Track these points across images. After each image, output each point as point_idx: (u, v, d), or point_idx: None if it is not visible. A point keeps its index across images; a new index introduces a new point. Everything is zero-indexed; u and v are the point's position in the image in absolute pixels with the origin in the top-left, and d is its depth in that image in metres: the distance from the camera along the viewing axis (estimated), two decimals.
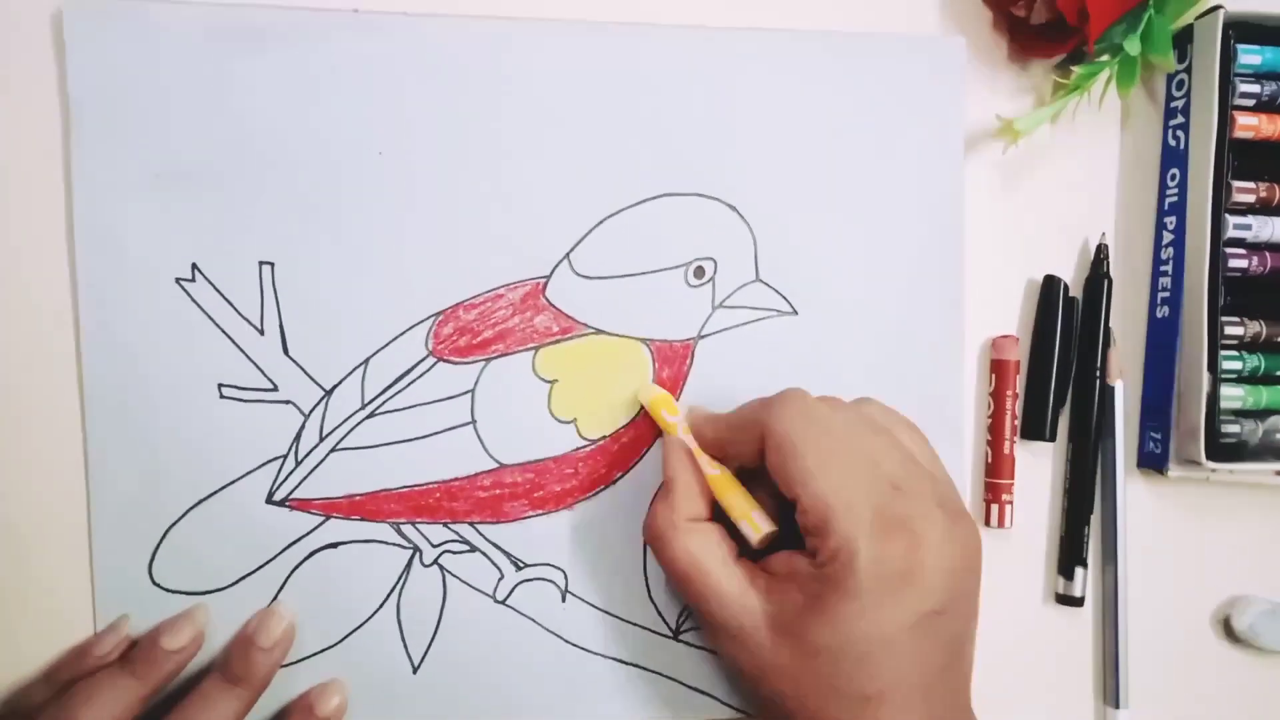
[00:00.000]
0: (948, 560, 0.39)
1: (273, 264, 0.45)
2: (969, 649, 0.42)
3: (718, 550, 0.42)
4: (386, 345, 0.46)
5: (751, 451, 0.42)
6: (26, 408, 0.45)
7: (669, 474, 0.44)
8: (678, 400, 0.47)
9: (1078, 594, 0.51)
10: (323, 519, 0.46)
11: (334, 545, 0.46)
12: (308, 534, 0.46)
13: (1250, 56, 0.48)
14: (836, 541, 0.38)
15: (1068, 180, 0.51)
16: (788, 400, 0.41)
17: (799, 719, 0.39)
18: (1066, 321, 0.50)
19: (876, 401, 0.44)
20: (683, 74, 0.47)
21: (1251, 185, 0.49)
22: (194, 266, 0.45)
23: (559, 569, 0.47)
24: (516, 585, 0.47)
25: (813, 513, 0.39)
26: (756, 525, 0.42)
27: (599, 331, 0.47)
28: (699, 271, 0.47)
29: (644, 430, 0.47)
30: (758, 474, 0.42)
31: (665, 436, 0.45)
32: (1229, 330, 0.49)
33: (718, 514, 0.43)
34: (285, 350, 0.45)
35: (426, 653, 0.47)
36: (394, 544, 0.46)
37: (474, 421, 0.46)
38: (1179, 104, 0.51)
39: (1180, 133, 0.50)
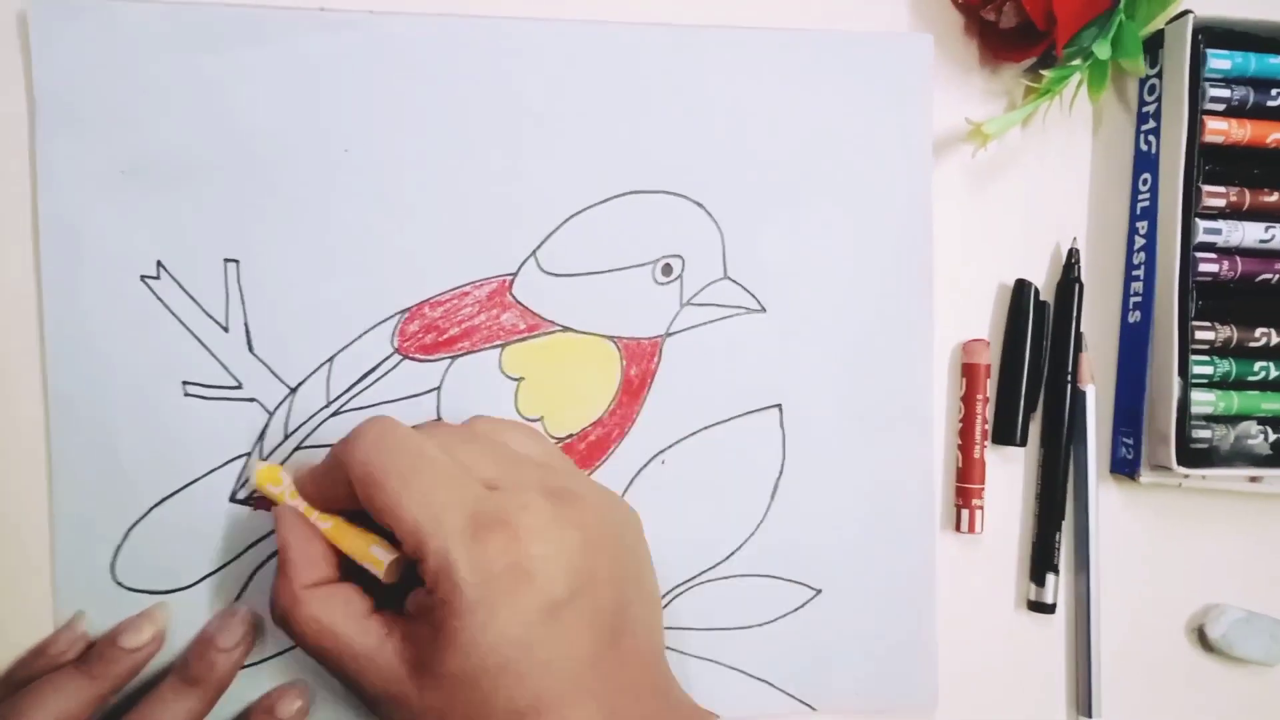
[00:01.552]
0: (557, 545, 0.37)
1: (238, 261, 0.45)
2: (636, 627, 0.39)
3: (345, 609, 0.39)
4: (352, 343, 0.45)
5: (347, 494, 0.39)
6: None
7: (280, 545, 0.40)
8: (642, 399, 0.47)
9: (1049, 601, 0.51)
10: None
11: None
12: (271, 533, 0.45)
13: (1220, 61, 0.49)
14: (433, 559, 0.36)
15: (1039, 184, 0.51)
16: (362, 433, 0.39)
17: None
18: (1038, 326, 0.50)
19: (485, 417, 0.44)
20: (650, 71, 0.47)
21: (1222, 190, 0.49)
22: (159, 263, 0.44)
23: None
24: None
25: (406, 536, 0.37)
26: (377, 560, 0.39)
27: (566, 329, 0.47)
28: (666, 269, 0.47)
29: (611, 427, 0.47)
30: None
31: (274, 509, 0.42)
32: (1200, 335, 0.49)
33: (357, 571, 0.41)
34: (250, 348, 0.45)
35: None
36: None
37: (439, 419, 0.46)
38: (1150, 109, 0.51)
39: (1151, 137, 0.50)
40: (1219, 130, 0.49)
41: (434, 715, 0.37)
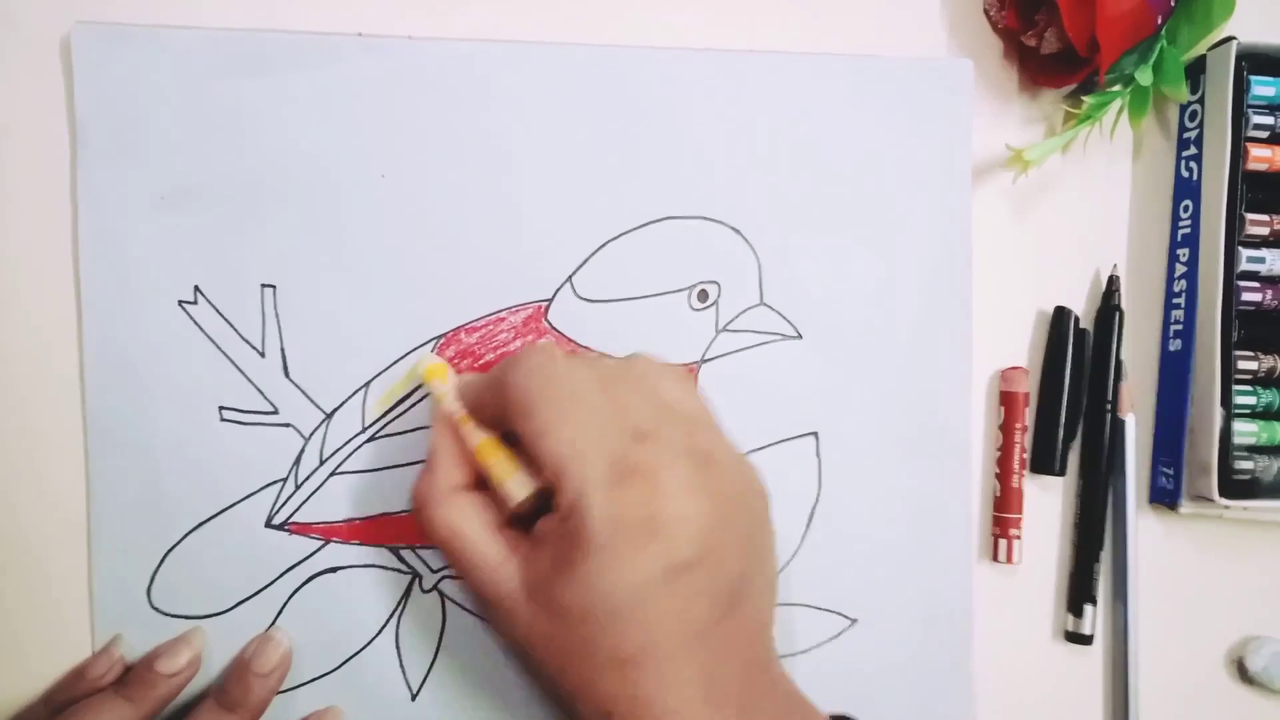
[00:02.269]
0: (693, 509, 0.37)
1: (274, 286, 0.45)
2: (751, 601, 0.39)
3: (477, 519, 0.40)
4: (387, 368, 0.46)
5: (500, 414, 0.39)
6: (29, 428, 0.45)
7: (431, 445, 0.41)
8: None
9: (1087, 632, 0.50)
10: (322, 543, 0.46)
11: (333, 570, 0.46)
12: (307, 558, 0.46)
13: (1263, 88, 0.48)
14: (570, 495, 0.36)
15: (1079, 211, 0.51)
16: (523, 357, 0.39)
17: (564, 688, 0.37)
18: (1077, 354, 0.50)
19: (645, 355, 0.43)
20: (687, 97, 0.47)
21: (1265, 218, 0.49)
22: (196, 289, 0.45)
23: None
24: None
25: (548, 468, 0.37)
26: (513, 492, 0.39)
27: (601, 355, 0.47)
28: (702, 295, 0.47)
29: None
30: None
31: (433, 407, 0.43)
32: (1242, 365, 0.49)
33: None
34: (286, 373, 0.45)
35: (425, 679, 0.46)
36: (393, 569, 0.46)
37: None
38: (1191, 135, 0.50)
39: (1193, 164, 0.50)
40: (1263, 158, 0.48)
41: (540, 639, 0.37)
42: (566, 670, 0.37)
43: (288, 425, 0.45)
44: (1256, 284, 0.49)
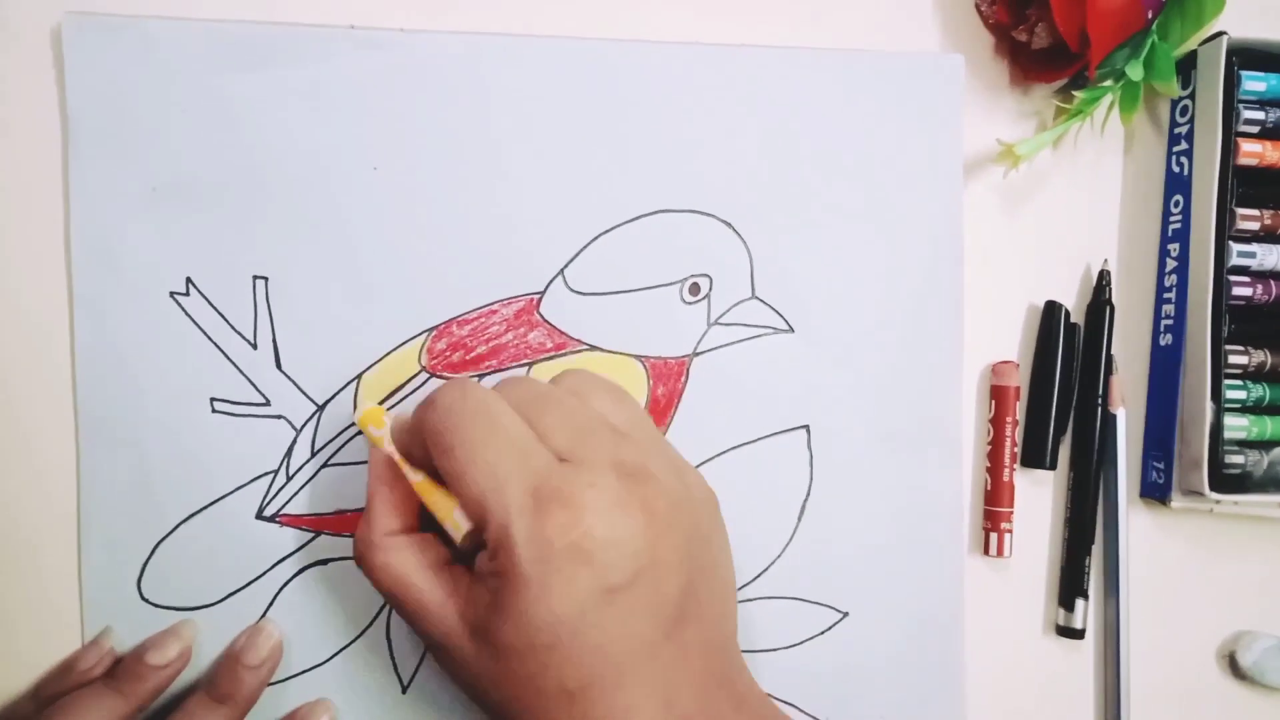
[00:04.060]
0: (623, 528, 0.36)
1: (266, 278, 0.45)
2: (700, 614, 0.38)
3: (416, 562, 0.39)
4: (379, 360, 0.46)
5: (426, 455, 0.39)
6: (19, 419, 0.45)
7: (368, 492, 0.41)
8: (669, 418, 0.47)
9: (1078, 626, 0.50)
10: (313, 535, 0.46)
11: (324, 562, 0.46)
12: (298, 550, 0.46)
13: (1254, 83, 0.48)
14: (495, 530, 0.36)
15: (1070, 205, 0.51)
16: (438, 396, 0.39)
17: None
18: (1068, 348, 0.50)
19: (576, 370, 0.42)
20: (680, 91, 0.47)
21: (1256, 213, 0.49)
22: (188, 280, 0.45)
23: None
24: None
25: (469, 505, 0.37)
26: (456, 524, 0.38)
27: (593, 348, 0.47)
28: (694, 288, 0.47)
29: None
30: None
31: (370, 451, 0.42)
32: (1233, 359, 0.49)
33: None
34: (278, 365, 0.45)
35: (416, 672, 0.47)
36: None
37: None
38: (1182, 130, 0.50)
39: (1184, 159, 0.50)
40: (1253, 153, 0.48)
41: (487, 677, 0.37)
42: (518, 706, 0.37)
43: (279, 417, 0.45)
44: (1247, 279, 0.49)
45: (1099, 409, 0.50)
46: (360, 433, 0.45)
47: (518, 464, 0.36)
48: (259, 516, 0.45)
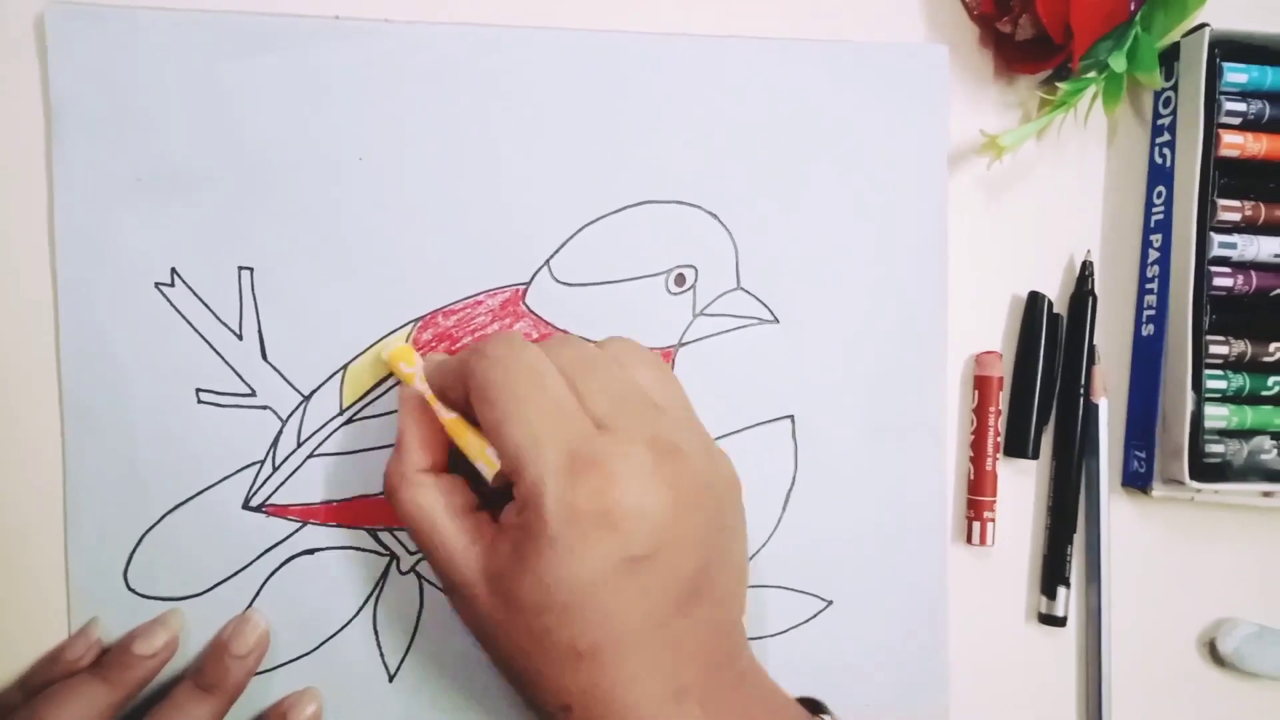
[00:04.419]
0: (651, 501, 0.36)
1: (252, 269, 0.45)
2: (713, 594, 0.39)
3: (445, 503, 0.40)
4: (365, 351, 0.46)
5: (466, 398, 0.39)
6: (5, 410, 0.45)
7: (400, 427, 0.42)
8: None
9: (1060, 614, 0.51)
10: (299, 525, 0.46)
11: (310, 552, 0.46)
12: (284, 540, 0.46)
13: (1236, 75, 0.49)
14: (526, 486, 0.36)
15: (1053, 196, 0.51)
16: (488, 345, 0.39)
17: (525, 678, 0.38)
18: (1050, 338, 0.50)
19: (622, 339, 0.42)
20: (664, 81, 0.47)
21: (1237, 204, 0.49)
22: (173, 271, 0.45)
23: None
24: None
25: (505, 458, 0.37)
26: (490, 462, 0.39)
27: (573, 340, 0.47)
28: (680, 279, 0.47)
29: None
30: None
31: (399, 388, 0.43)
32: (1214, 349, 0.49)
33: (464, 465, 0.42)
34: (264, 355, 0.45)
35: (402, 661, 0.47)
36: (371, 551, 0.46)
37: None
38: (1165, 121, 0.51)
39: (1166, 150, 0.50)
40: (1235, 144, 0.48)
41: (500, 628, 0.38)
42: (525, 660, 0.37)
43: (265, 407, 0.45)
44: (1228, 269, 0.49)
45: (1081, 399, 0.51)
46: (347, 423, 0.46)
47: (557, 426, 0.37)
48: (245, 507, 0.45)
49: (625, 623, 0.36)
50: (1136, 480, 0.51)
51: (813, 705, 0.43)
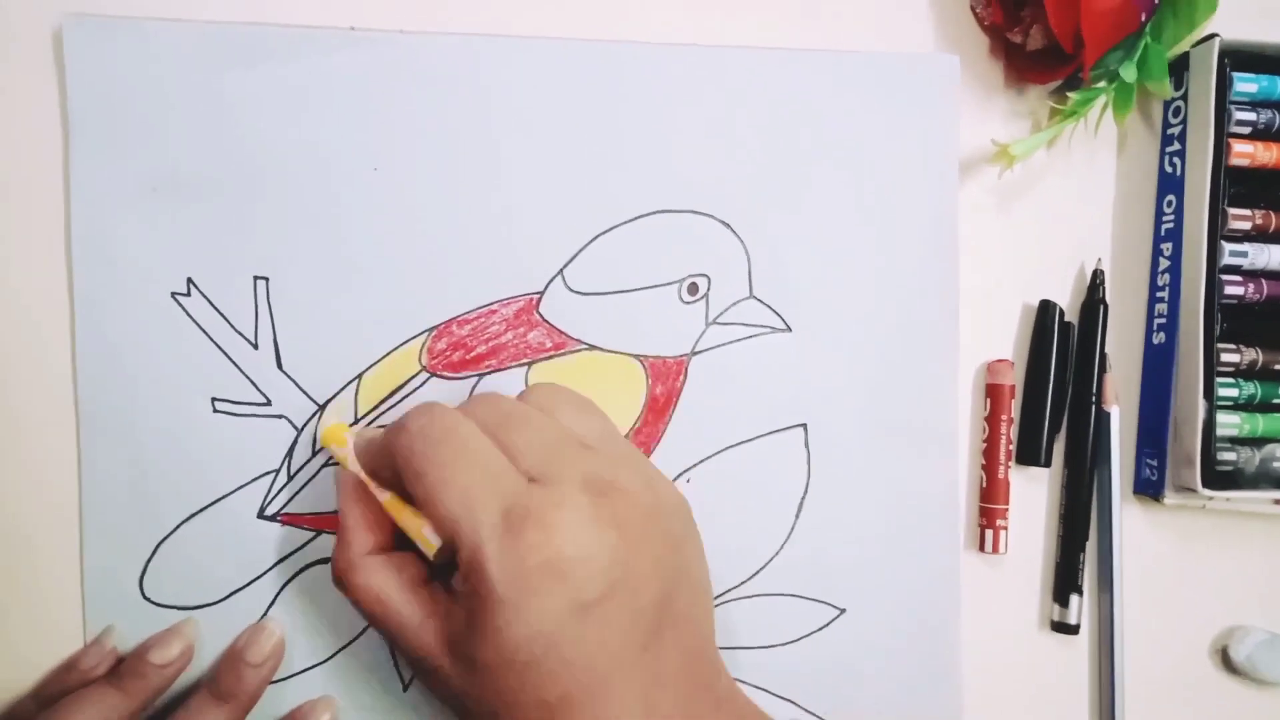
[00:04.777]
0: (594, 543, 0.36)
1: (267, 278, 0.45)
2: (679, 621, 0.39)
3: (396, 581, 0.40)
4: (380, 360, 0.46)
5: (396, 478, 0.39)
6: (21, 419, 0.45)
7: (340, 511, 0.42)
8: (668, 417, 0.47)
9: (1073, 621, 0.51)
10: (314, 534, 0.46)
11: (325, 560, 0.46)
12: (299, 549, 0.46)
13: (1246, 84, 0.49)
14: (467, 552, 0.36)
15: (1064, 205, 0.52)
16: (408, 420, 0.39)
17: None
18: (1062, 346, 0.50)
19: (543, 385, 0.43)
20: (677, 92, 0.48)
21: (1247, 212, 0.49)
22: (189, 280, 0.45)
23: None
24: None
25: (441, 529, 0.37)
26: (428, 542, 0.39)
27: (592, 348, 0.47)
28: (693, 288, 0.48)
29: (638, 446, 0.47)
30: None
31: (336, 470, 0.43)
32: (1225, 357, 0.49)
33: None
34: (279, 364, 0.45)
35: None
36: None
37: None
38: (1175, 131, 0.51)
39: (1176, 159, 0.50)
40: (1245, 153, 0.49)
41: (468, 694, 0.37)
42: None
43: (280, 416, 0.46)
44: (1239, 278, 0.49)
45: (1093, 407, 0.51)
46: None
47: (488, 487, 0.37)
48: (260, 515, 0.46)
49: (591, 668, 0.36)
50: (1148, 488, 0.51)
51: None
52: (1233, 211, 0.49)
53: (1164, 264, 0.51)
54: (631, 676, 0.37)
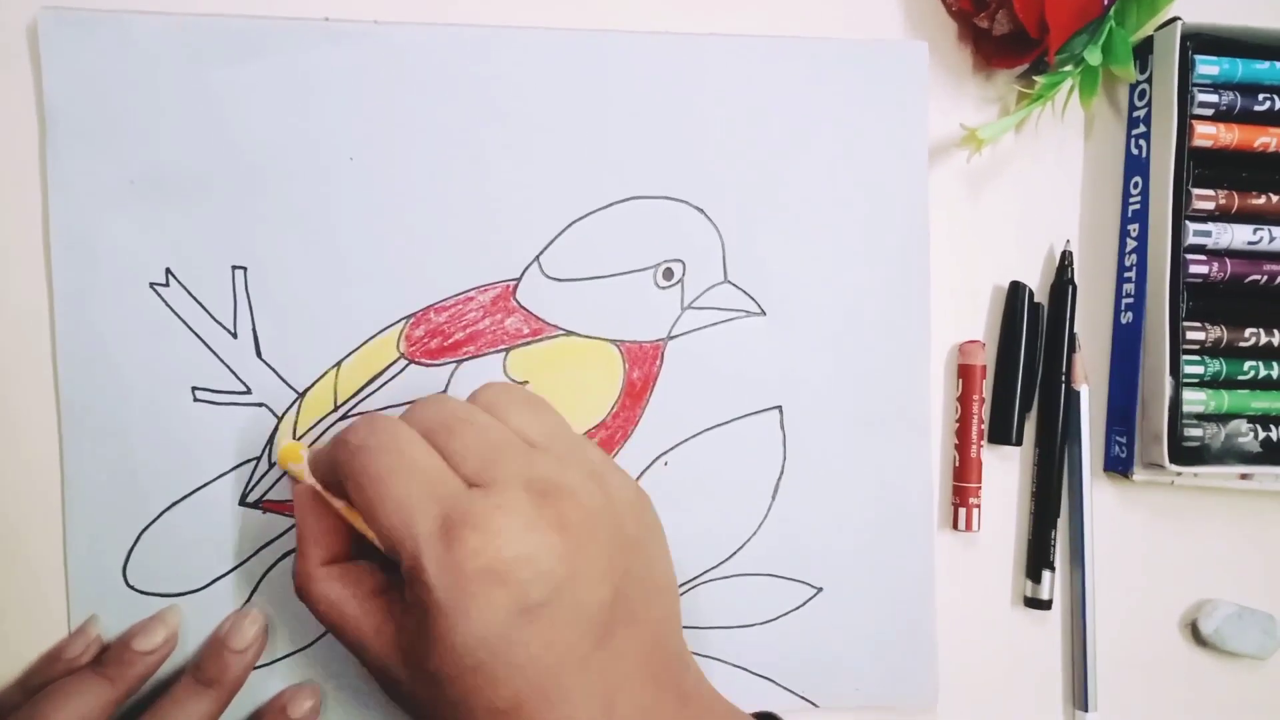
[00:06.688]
0: (535, 545, 0.36)
1: (245, 268, 0.46)
2: (635, 619, 0.39)
3: (353, 591, 0.40)
4: (359, 348, 0.46)
5: (342, 491, 0.40)
6: (2, 411, 0.45)
7: (298, 525, 0.42)
8: (645, 401, 0.48)
9: (1045, 597, 0.51)
10: (295, 520, 0.46)
11: None
12: (281, 535, 0.46)
13: (1208, 67, 0.49)
14: (407, 561, 0.36)
15: (1032, 188, 0.52)
16: (349, 433, 0.39)
17: None
18: (1032, 327, 0.51)
19: (492, 385, 0.42)
20: (650, 79, 0.48)
21: (1211, 193, 0.50)
22: (168, 271, 0.45)
23: None
24: None
25: (382, 540, 0.37)
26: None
27: (569, 333, 0.47)
28: (668, 273, 0.48)
29: (614, 430, 0.48)
30: None
31: (293, 486, 0.43)
32: (1191, 335, 0.50)
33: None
34: (258, 353, 0.46)
35: None
36: None
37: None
38: (1140, 113, 0.52)
39: (1142, 141, 0.51)
40: (1208, 135, 0.49)
41: (423, 702, 0.38)
42: None
43: (261, 405, 0.46)
44: (1203, 257, 0.50)
45: (1063, 386, 0.51)
46: (342, 419, 0.46)
47: (425, 494, 0.37)
48: (242, 503, 0.46)
49: (541, 670, 0.36)
50: (1118, 465, 0.52)
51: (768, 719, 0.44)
52: (1197, 192, 0.50)
53: (1131, 244, 0.52)
54: (585, 678, 0.37)
